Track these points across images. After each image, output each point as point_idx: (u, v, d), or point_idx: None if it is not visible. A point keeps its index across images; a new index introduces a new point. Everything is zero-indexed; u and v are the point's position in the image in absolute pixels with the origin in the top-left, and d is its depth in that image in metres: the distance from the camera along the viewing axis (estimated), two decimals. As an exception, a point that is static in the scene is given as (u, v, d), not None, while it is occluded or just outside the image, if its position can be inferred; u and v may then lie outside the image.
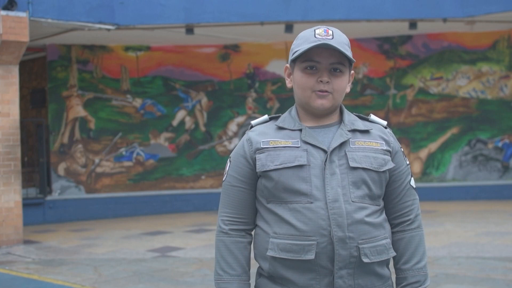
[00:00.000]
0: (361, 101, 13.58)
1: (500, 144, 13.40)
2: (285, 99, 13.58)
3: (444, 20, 11.71)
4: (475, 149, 13.46)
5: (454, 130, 13.52)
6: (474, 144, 13.46)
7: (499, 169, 13.41)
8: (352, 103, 13.35)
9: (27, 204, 11.45)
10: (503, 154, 13.39)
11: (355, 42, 13.39)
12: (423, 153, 13.59)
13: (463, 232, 9.30)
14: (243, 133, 14.41)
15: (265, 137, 2.12)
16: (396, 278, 2.17)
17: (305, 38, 2.09)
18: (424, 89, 13.62)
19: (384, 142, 2.14)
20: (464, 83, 13.52)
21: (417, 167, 13.52)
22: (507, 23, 12.70)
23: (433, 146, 13.58)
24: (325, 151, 2.05)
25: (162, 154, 13.56)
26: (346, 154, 2.06)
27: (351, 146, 2.08)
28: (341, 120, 2.16)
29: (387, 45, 13.62)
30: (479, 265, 7.08)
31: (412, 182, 2.21)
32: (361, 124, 2.15)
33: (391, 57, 13.64)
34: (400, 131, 13.46)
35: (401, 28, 12.50)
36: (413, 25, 11.82)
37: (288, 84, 2.20)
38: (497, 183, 13.32)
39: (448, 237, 8.95)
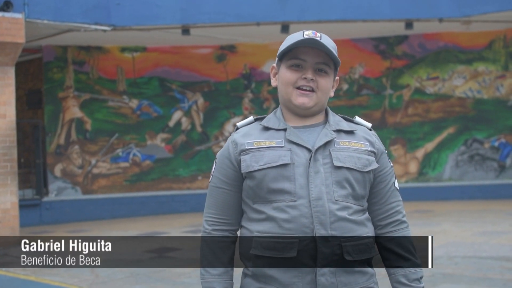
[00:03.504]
0: (357, 101, 13.59)
1: (496, 144, 13.41)
2: (282, 100, 13.57)
3: (440, 20, 11.72)
4: (472, 148, 13.48)
5: (450, 130, 13.54)
6: (471, 144, 13.48)
7: (495, 168, 13.43)
8: (348, 103, 13.36)
9: (24, 205, 11.43)
10: (499, 153, 13.41)
11: (351, 42, 13.40)
12: (420, 153, 13.60)
13: (460, 232, 9.31)
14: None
15: (249, 138, 2.14)
16: (393, 276, 2.15)
17: (293, 38, 2.12)
18: (421, 89, 13.63)
19: (368, 143, 2.15)
20: (460, 83, 13.54)
21: (413, 167, 13.53)
22: (503, 23, 12.71)
23: (430, 146, 13.59)
24: (309, 150, 2.07)
25: (159, 155, 13.55)
26: (330, 153, 2.08)
27: (335, 145, 2.10)
28: (326, 120, 2.18)
29: (383, 45, 13.63)
30: (476, 265, 7.09)
31: (396, 184, 2.22)
32: (346, 125, 2.17)
33: (387, 57, 13.65)
34: (397, 131, 13.47)
35: (397, 28, 12.51)
36: (409, 25, 11.83)
37: (273, 83, 2.22)
38: (493, 182, 13.33)
39: (445, 236, 8.95)
